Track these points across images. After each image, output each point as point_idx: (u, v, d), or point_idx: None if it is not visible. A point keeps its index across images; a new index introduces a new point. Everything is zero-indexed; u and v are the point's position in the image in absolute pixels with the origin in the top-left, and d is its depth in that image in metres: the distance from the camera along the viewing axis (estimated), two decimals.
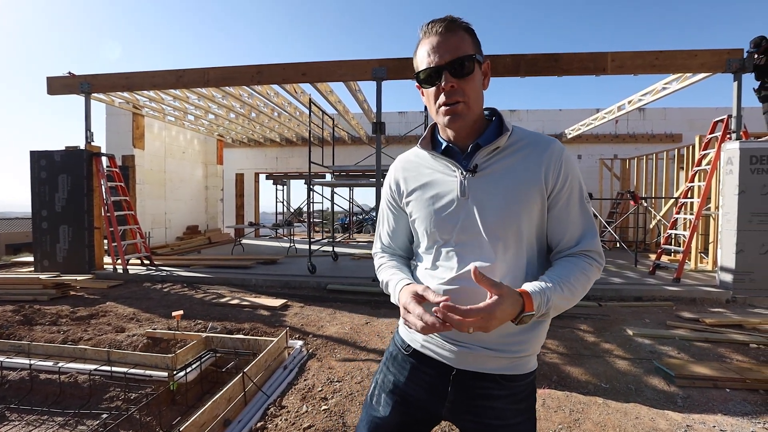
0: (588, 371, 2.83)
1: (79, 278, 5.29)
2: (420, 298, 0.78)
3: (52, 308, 4.32)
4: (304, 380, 2.63)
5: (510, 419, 0.86)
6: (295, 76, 5.50)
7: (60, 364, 2.79)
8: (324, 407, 2.24)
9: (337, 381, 2.61)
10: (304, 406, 2.25)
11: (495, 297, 0.70)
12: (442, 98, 0.82)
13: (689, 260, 6.38)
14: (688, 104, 16.25)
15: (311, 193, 6.86)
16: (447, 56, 0.79)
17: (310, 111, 6.24)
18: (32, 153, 6.32)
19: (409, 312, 0.77)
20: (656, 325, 3.91)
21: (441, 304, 0.69)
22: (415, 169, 0.94)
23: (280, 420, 2.12)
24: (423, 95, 0.89)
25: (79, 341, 3.38)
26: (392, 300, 0.93)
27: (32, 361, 2.82)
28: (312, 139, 10.01)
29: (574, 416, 2.16)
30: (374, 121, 5.51)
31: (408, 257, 1.04)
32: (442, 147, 0.90)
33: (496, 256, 0.83)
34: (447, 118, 0.83)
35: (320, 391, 2.45)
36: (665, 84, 5.94)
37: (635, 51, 4.95)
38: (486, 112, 0.92)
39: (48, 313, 4.11)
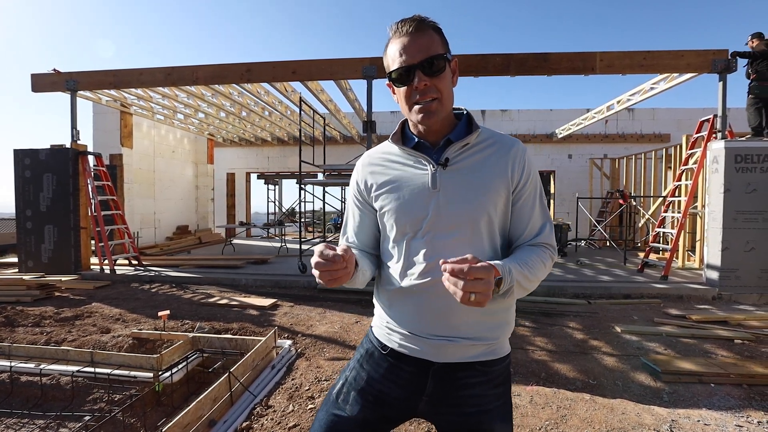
0: (576, 368, 2.84)
1: (64, 279, 5.20)
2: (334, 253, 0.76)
3: (35, 309, 4.22)
4: (292, 379, 2.60)
5: (488, 404, 0.87)
6: (285, 74, 5.46)
7: (41, 366, 2.72)
8: (310, 406, 2.22)
9: (324, 380, 2.59)
10: (291, 405, 2.23)
11: (470, 257, 0.71)
12: (415, 96, 0.84)
13: (677, 258, 6.47)
14: (677, 105, 16.52)
15: (303, 192, 6.81)
16: (419, 56, 0.81)
17: (300, 110, 6.21)
18: (16, 152, 6.19)
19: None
20: (644, 322, 3.96)
21: (446, 268, 0.70)
22: (384, 164, 0.95)
23: (266, 420, 2.09)
24: (394, 93, 0.91)
25: (63, 342, 3.31)
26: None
27: (13, 363, 2.76)
28: (304, 138, 9.96)
29: (561, 412, 2.16)
30: (365, 119, 5.50)
31: (373, 254, 1.02)
32: (414, 142, 0.93)
33: (465, 248, 0.84)
34: (421, 115, 0.85)
35: (307, 390, 2.43)
36: (653, 84, 6.02)
37: (623, 51, 5.01)
38: (455, 111, 0.95)
39: (31, 315, 4.02)
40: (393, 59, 0.84)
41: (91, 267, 6.31)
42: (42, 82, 6.11)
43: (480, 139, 0.90)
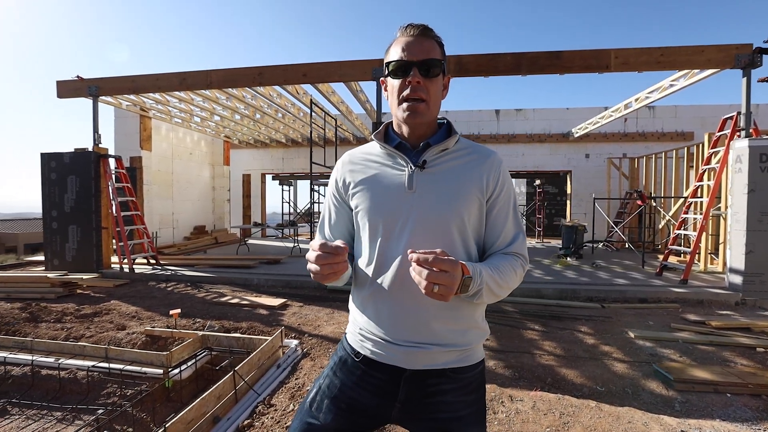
0: (584, 374, 2.78)
1: (86, 277, 5.42)
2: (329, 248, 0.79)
3: (58, 306, 4.42)
4: (296, 379, 2.64)
5: (460, 411, 0.88)
6: (296, 77, 5.53)
7: (60, 361, 2.85)
8: None
9: None
10: (291, 404, 2.26)
11: (441, 251, 0.74)
12: (406, 92, 0.87)
13: (698, 261, 6.23)
14: (700, 101, 15.90)
15: (315, 193, 6.89)
16: (420, 55, 0.86)
17: (311, 111, 6.28)
18: (43, 155, 6.49)
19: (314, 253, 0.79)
20: (660, 327, 3.83)
21: (413, 258, 0.73)
22: (363, 164, 0.97)
23: (267, 418, 2.13)
24: (386, 90, 0.94)
25: (81, 338, 3.45)
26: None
27: (34, 357, 2.90)
28: (317, 139, 10.05)
29: (564, 419, 2.12)
30: (375, 121, 5.51)
31: (350, 252, 1.03)
32: (396, 142, 0.95)
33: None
34: (407, 113, 0.88)
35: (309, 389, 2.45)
36: (672, 81, 5.81)
37: (640, 47, 4.85)
38: (438, 121, 0.98)
39: (54, 311, 4.20)
40: (394, 54, 0.88)
41: (112, 266, 6.55)
42: (66, 89, 6.38)
43: (458, 147, 0.93)
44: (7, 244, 10.18)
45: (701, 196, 5.82)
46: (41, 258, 7.71)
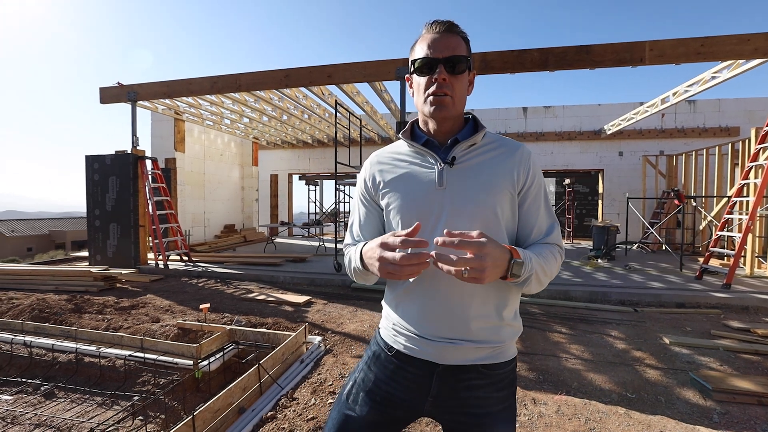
0: (613, 379, 2.67)
1: (124, 272, 5.74)
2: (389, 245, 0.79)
3: (99, 299, 4.71)
4: (318, 374, 2.69)
5: (492, 407, 0.89)
6: (321, 78, 5.63)
7: (101, 349, 3.04)
8: (330, 401, 2.29)
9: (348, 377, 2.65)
10: (313, 398, 2.31)
11: (479, 233, 0.73)
12: (432, 89, 0.87)
13: (743, 265, 5.82)
14: (747, 94, 14.82)
15: (340, 193, 6.99)
16: (446, 52, 0.86)
17: (336, 112, 6.37)
18: (87, 157, 6.94)
19: (385, 253, 0.78)
20: (698, 334, 3.61)
21: (438, 241, 0.73)
22: (391, 163, 0.97)
23: (289, 411, 2.19)
24: (411, 87, 0.95)
25: (120, 329, 3.67)
26: (349, 265, 0.95)
27: (78, 345, 3.11)
28: (342, 139, 10.18)
29: (590, 425, 2.05)
30: (400, 120, 5.52)
31: None
32: (423, 140, 0.95)
33: None
34: (434, 107, 0.88)
35: (330, 385, 2.50)
36: (714, 73, 5.46)
37: (677, 38, 4.59)
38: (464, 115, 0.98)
39: (96, 303, 4.49)
40: (420, 51, 0.89)
41: (148, 262, 6.91)
42: (108, 95, 6.78)
43: (486, 141, 0.93)
44: (57, 241, 10.98)
45: (747, 195, 5.44)
46: (86, 254, 8.25)
